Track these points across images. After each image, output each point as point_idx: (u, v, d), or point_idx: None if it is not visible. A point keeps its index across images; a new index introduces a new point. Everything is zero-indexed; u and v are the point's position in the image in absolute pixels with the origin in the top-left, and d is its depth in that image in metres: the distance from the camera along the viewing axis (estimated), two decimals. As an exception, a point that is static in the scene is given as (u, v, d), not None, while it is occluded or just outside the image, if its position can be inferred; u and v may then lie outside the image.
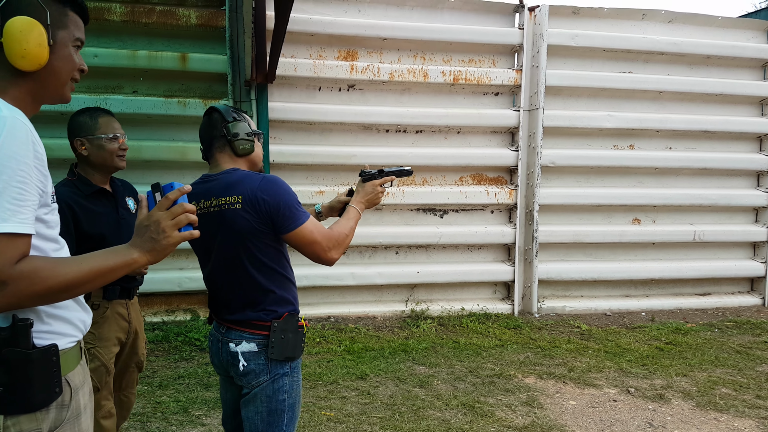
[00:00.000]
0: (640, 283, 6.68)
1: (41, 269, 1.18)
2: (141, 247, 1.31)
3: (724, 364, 4.85)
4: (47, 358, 1.28)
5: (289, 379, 2.01)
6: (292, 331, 1.99)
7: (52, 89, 1.38)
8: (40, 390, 1.27)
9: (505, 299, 6.35)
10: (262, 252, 1.95)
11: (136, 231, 1.34)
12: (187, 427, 3.52)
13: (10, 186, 1.15)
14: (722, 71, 6.70)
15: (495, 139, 6.25)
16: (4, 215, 1.13)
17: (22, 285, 1.15)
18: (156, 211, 1.33)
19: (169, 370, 4.45)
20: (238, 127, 2.05)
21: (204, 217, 1.92)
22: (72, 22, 1.38)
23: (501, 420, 3.67)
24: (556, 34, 6.10)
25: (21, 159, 1.17)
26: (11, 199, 1.15)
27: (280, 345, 1.96)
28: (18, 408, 1.24)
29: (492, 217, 6.28)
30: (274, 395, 1.97)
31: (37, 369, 1.26)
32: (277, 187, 1.93)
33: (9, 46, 1.25)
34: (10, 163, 1.15)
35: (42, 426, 1.27)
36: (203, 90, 5.36)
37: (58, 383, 1.31)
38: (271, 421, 1.98)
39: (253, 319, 1.96)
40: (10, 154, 1.15)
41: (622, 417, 3.79)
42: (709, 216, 6.79)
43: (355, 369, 4.52)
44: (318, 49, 5.69)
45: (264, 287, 1.96)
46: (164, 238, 1.32)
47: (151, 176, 5.15)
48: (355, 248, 5.90)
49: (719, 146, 6.75)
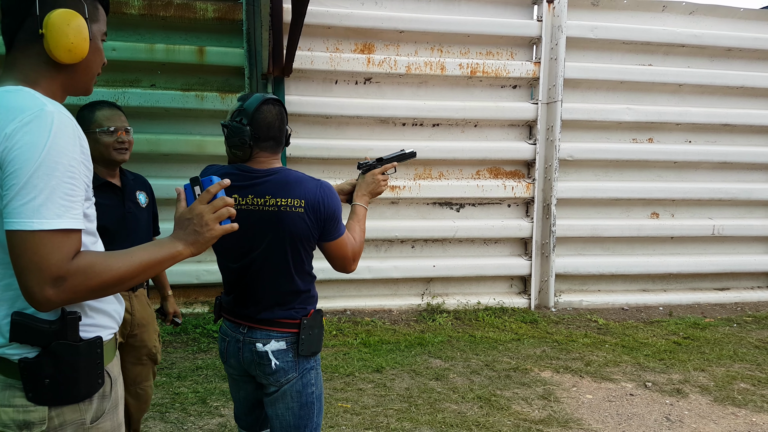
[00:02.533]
0: (658, 278, 6.62)
1: (95, 264, 1.19)
2: (185, 239, 1.33)
3: (742, 359, 4.80)
4: (93, 350, 1.31)
5: (315, 372, 2.04)
6: (318, 326, 2.02)
7: (82, 82, 1.39)
8: (85, 381, 1.29)
9: (522, 293, 6.33)
10: (307, 256, 1.97)
11: (178, 224, 1.35)
12: (205, 417, 3.56)
13: (62, 182, 1.16)
14: (743, 64, 6.60)
15: (512, 133, 6.22)
16: (59, 211, 1.14)
17: (79, 280, 1.16)
18: (198, 204, 1.35)
19: (187, 361, 4.50)
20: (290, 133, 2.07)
21: (255, 214, 1.89)
22: (101, 16, 1.40)
23: (517, 413, 3.67)
24: (574, 26, 6.04)
25: (70, 155, 1.18)
26: (64, 195, 1.16)
27: (309, 341, 1.98)
28: (63, 399, 1.26)
29: (509, 211, 6.26)
30: (304, 389, 2.00)
31: (83, 361, 1.29)
32: (334, 194, 1.95)
33: (55, 38, 1.25)
34: (62, 159, 1.16)
35: (85, 417, 1.30)
36: (220, 83, 5.38)
37: (101, 374, 1.33)
38: (302, 415, 2.01)
39: (281, 317, 1.97)
40: (61, 150, 1.16)
41: (639, 411, 3.77)
42: (728, 210, 6.71)
43: (372, 362, 4.53)
44: (335, 42, 5.69)
45: (299, 289, 1.98)
46: (207, 231, 1.34)
47: (169, 169, 5.20)
48: (371, 242, 5.91)
49: (739, 140, 6.66)
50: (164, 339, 4.82)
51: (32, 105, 1.18)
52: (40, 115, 1.16)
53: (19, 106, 1.18)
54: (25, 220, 1.12)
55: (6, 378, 1.24)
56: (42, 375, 1.23)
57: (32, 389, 1.23)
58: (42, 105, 1.19)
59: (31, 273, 1.13)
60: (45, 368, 1.23)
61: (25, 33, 1.28)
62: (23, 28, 1.27)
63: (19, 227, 1.12)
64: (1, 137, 1.14)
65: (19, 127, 1.14)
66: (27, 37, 1.27)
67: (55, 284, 1.13)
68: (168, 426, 3.43)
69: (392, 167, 2.31)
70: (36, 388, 1.23)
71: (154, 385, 3.91)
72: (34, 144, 1.14)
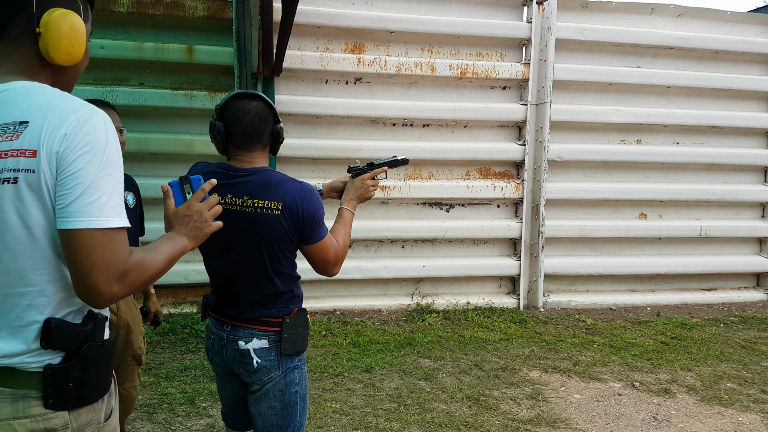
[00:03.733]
0: (646, 278, 6.67)
1: (145, 259, 1.25)
2: (187, 235, 1.41)
3: (729, 359, 4.84)
4: (111, 349, 1.34)
5: (299, 372, 2.04)
6: (302, 325, 2.01)
7: (69, 82, 1.37)
8: (104, 380, 1.31)
9: (511, 293, 6.35)
10: (286, 259, 1.95)
11: (177, 220, 1.42)
12: (193, 418, 3.54)
13: (118, 182, 1.20)
14: (731, 66, 6.66)
15: (502, 134, 6.24)
16: (118, 209, 1.18)
17: (136, 275, 1.21)
18: (195, 202, 1.44)
19: (175, 361, 4.47)
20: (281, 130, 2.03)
21: (232, 213, 1.88)
22: (90, 17, 1.38)
23: (506, 413, 3.68)
24: (564, 27, 6.07)
25: (120, 155, 1.22)
26: (119, 193, 1.19)
27: (292, 340, 1.97)
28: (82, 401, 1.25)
29: (498, 212, 6.28)
30: (287, 389, 1.99)
31: (106, 361, 1.31)
32: (315, 198, 1.93)
33: (55, 40, 1.22)
34: (118, 160, 1.20)
35: (100, 415, 1.30)
36: (210, 82, 5.36)
37: (111, 372, 1.36)
38: (285, 414, 2.01)
39: (264, 316, 1.97)
40: (115, 150, 1.20)
41: (627, 411, 3.80)
42: (715, 211, 6.77)
43: (361, 362, 4.53)
44: (325, 42, 5.68)
45: (280, 290, 1.97)
46: (206, 226, 1.44)
47: (158, 168, 5.16)
48: (361, 242, 5.91)
49: (727, 141, 6.73)
50: (152, 339, 4.79)
51: (79, 104, 1.19)
52: (93, 116, 1.18)
53: (65, 105, 1.18)
54: (93, 218, 1.14)
55: (16, 390, 1.19)
56: (68, 379, 1.22)
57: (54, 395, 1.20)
58: (87, 104, 1.20)
59: (99, 270, 1.14)
60: (73, 372, 1.22)
61: (18, 27, 1.23)
62: (16, 22, 1.23)
63: (88, 225, 1.13)
64: (58, 137, 1.14)
65: (77, 127, 1.15)
66: (20, 32, 1.24)
67: (120, 280, 1.18)
68: (156, 426, 3.41)
69: (383, 171, 2.28)
70: (58, 394, 1.21)
71: (142, 386, 3.90)
72: (97, 145, 1.16)
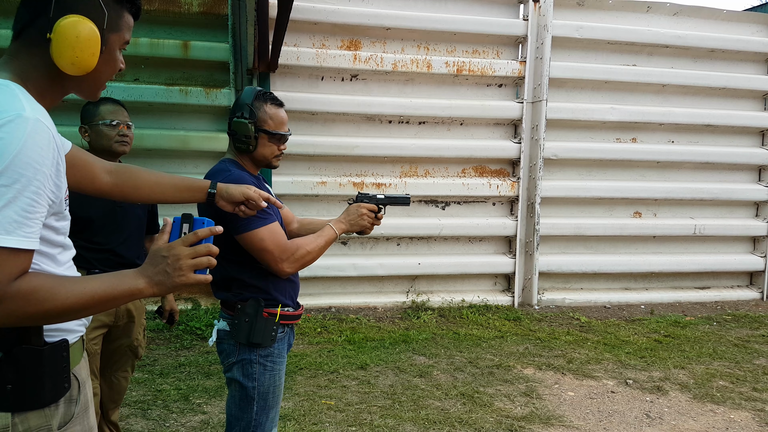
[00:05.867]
0: (640, 276, 6.69)
1: (39, 290, 1.08)
2: (151, 277, 1.20)
3: (721, 357, 4.87)
4: (58, 354, 1.24)
5: (259, 368, 2.01)
6: (253, 317, 1.98)
7: (87, 90, 1.31)
8: (51, 386, 1.23)
9: (506, 291, 6.37)
10: (227, 244, 1.91)
11: (151, 258, 1.22)
12: (187, 414, 3.54)
13: (22, 196, 1.05)
14: (726, 65, 6.68)
15: (498, 131, 6.24)
16: (9, 227, 1.04)
17: (17, 305, 1.06)
18: (179, 244, 1.22)
19: (170, 358, 4.47)
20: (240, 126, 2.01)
21: None
22: (125, 24, 1.32)
23: (500, 410, 3.69)
24: (560, 25, 6.08)
25: (39, 168, 1.08)
26: (20, 210, 1.05)
27: (241, 327, 1.98)
28: (27, 405, 1.19)
29: (494, 209, 6.29)
30: (244, 381, 2.00)
31: (48, 366, 1.22)
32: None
33: (60, 48, 1.17)
34: (27, 171, 1.06)
35: (52, 422, 1.24)
36: (205, 78, 5.34)
37: (67, 378, 1.27)
38: (242, 407, 2.01)
39: (224, 298, 2.05)
40: (29, 161, 1.06)
41: (620, 408, 3.81)
42: (709, 210, 6.79)
43: (356, 359, 4.54)
44: (321, 38, 5.67)
45: (230, 275, 2.02)
46: (178, 276, 1.20)
47: (152, 165, 5.14)
48: (357, 239, 5.90)
49: (721, 140, 6.75)
50: (147, 335, 4.78)
51: (8, 107, 1.08)
52: (14, 121, 1.06)
53: None
54: None
55: None
56: (4, 380, 1.16)
57: None
58: (20, 109, 1.08)
59: None
60: (6, 374, 1.16)
61: (35, 29, 1.20)
62: (35, 24, 1.20)
63: None
64: None
65: None
66: (36, 34, 1.20)
67: None
68: (150, 423, 3.40)
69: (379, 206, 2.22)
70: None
71: (136, 382, 3.90)
72: (1, 152, 1.03)
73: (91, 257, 2.51)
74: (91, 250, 2.50)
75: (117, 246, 2.61)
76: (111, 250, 2.58)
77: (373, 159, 5.88)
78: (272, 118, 2.05)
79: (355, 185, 5.76)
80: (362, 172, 5.88)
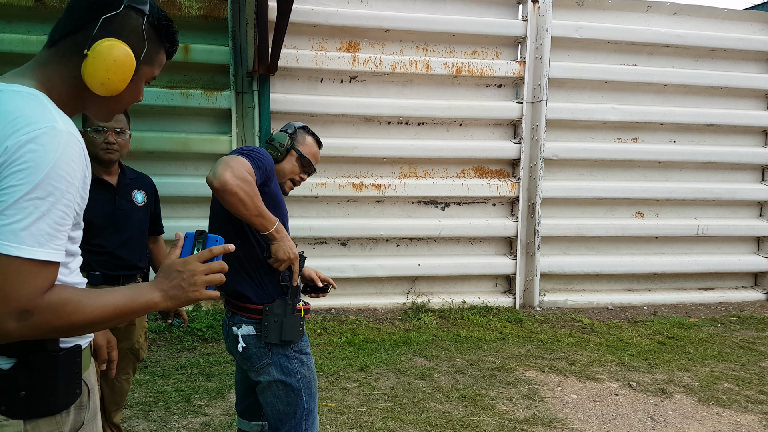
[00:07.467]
0: (643, 278, 6.66)
1: (68, 303, 1.10)
2: (166, 291, 1.23)
3: (726, 359, 4.83)
4: (72, 359, 1.24)
5: (296, 362, 2.10)
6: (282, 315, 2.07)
7: (104, 111, 1.33)
8: (63, 392, 1.22)
9: (507, 292, 6.34)
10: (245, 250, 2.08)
11: (166, 272, 1.25)
12: (189, 416, 3.52)
13: (55, 209, 1.06)
14: (727, 64, 6.66)
15: (497, 132, 6.22)
16: (42, 239, 1.05)
17: (47, 317, 1.07)
18: (195, 261, 1.26)
19: (171, 360, 4.45)
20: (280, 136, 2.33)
21: None
22: (158, 60, 1.34)
23: (502, 413, 3.66)
24: (559, 25, 6.06)
25: (71, 181, 1.09)
26: (53, 223, 1.07)
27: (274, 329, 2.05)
28: (39, 411, 1.18)
29: (494, 210, 6.27)
30: (286, 378, 2.06)
31: (62, 371, 1.22)
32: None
33: (94, 67, 1.19)
34: (61, 184, 1.07)
35: (63, 429, 1.23)
36: (205, 81, 5.34)
37: (78, 384, 1.27)
38: (290, 402, 2.07)
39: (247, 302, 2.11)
40: (63, 174, 1.07)
41: (624, 411, 3.78)
42: (712, 210, 6.76)
43: (356, 361, 4.51)
44: (320, 41, 5.66)
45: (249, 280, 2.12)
46: (192, 291, 1.25)
47: (153, 167, 5.11)
48: (356, 240, 5.89)
49: (724, 140, 6.72)
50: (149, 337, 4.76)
51: (41, 118, 1.09)
52: (49, 133, 1.07)
53: (25, 116, 1.08)
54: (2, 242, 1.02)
55: None
56: (17, 387, 1.15)
57: (4, 402, 1.15)
58: (53, 120, 1.09)
59: None
60: (21, 380, 1.15)
61: (73, 42, 1.21)
62: (74, 37, 1.21)
63: None
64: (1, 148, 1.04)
65: (23, 142, 1.04)
66: (73, 47, 1.21)
67: (19, 318, 1.04)
68: (151, 425, 3.39)
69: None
70: (9, 401, 1.15)
71: (138, 384, 3.89)
72: (37, 165, 1.04)
73: (91, 259, 2.49)
74: (90, 252, 2.49)
75: (117, 248, 2.59)
76: (111, 252, 2.57)
77: (372, 160, 5.86)
78: (308, 146, 2.33)
79: (355, 186, 5.75)
80: (361, 173, 5.87)
